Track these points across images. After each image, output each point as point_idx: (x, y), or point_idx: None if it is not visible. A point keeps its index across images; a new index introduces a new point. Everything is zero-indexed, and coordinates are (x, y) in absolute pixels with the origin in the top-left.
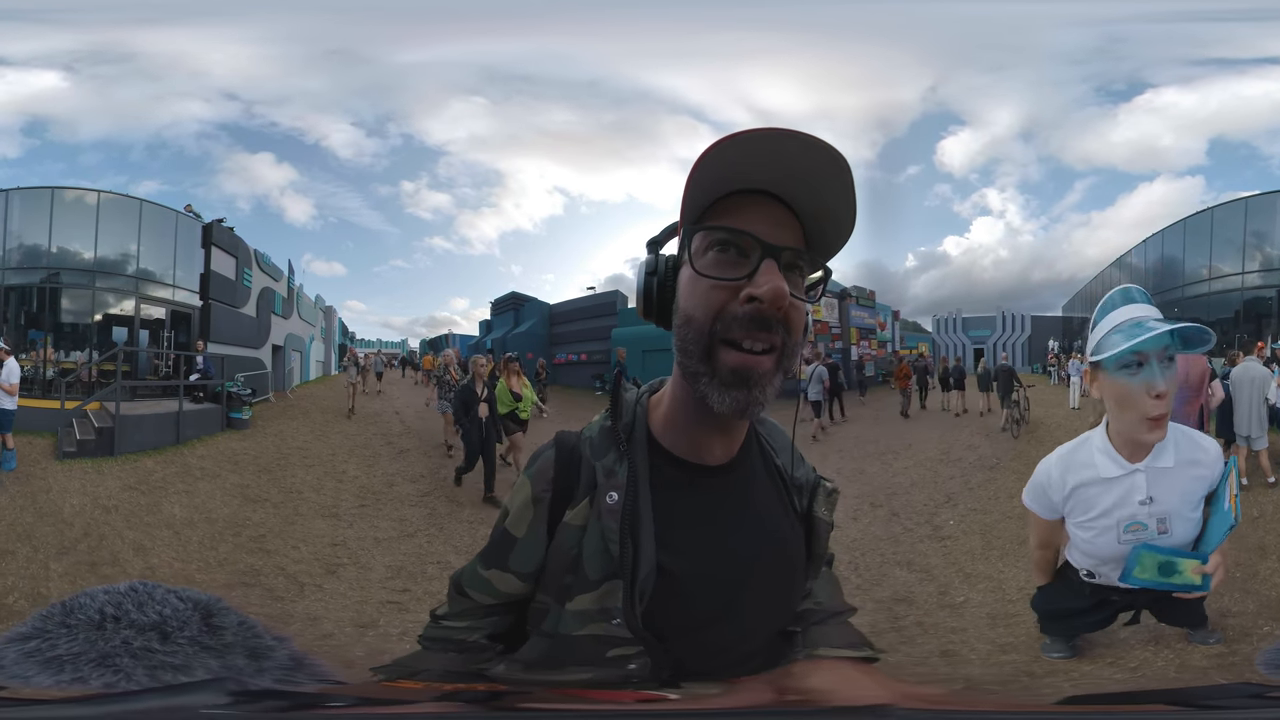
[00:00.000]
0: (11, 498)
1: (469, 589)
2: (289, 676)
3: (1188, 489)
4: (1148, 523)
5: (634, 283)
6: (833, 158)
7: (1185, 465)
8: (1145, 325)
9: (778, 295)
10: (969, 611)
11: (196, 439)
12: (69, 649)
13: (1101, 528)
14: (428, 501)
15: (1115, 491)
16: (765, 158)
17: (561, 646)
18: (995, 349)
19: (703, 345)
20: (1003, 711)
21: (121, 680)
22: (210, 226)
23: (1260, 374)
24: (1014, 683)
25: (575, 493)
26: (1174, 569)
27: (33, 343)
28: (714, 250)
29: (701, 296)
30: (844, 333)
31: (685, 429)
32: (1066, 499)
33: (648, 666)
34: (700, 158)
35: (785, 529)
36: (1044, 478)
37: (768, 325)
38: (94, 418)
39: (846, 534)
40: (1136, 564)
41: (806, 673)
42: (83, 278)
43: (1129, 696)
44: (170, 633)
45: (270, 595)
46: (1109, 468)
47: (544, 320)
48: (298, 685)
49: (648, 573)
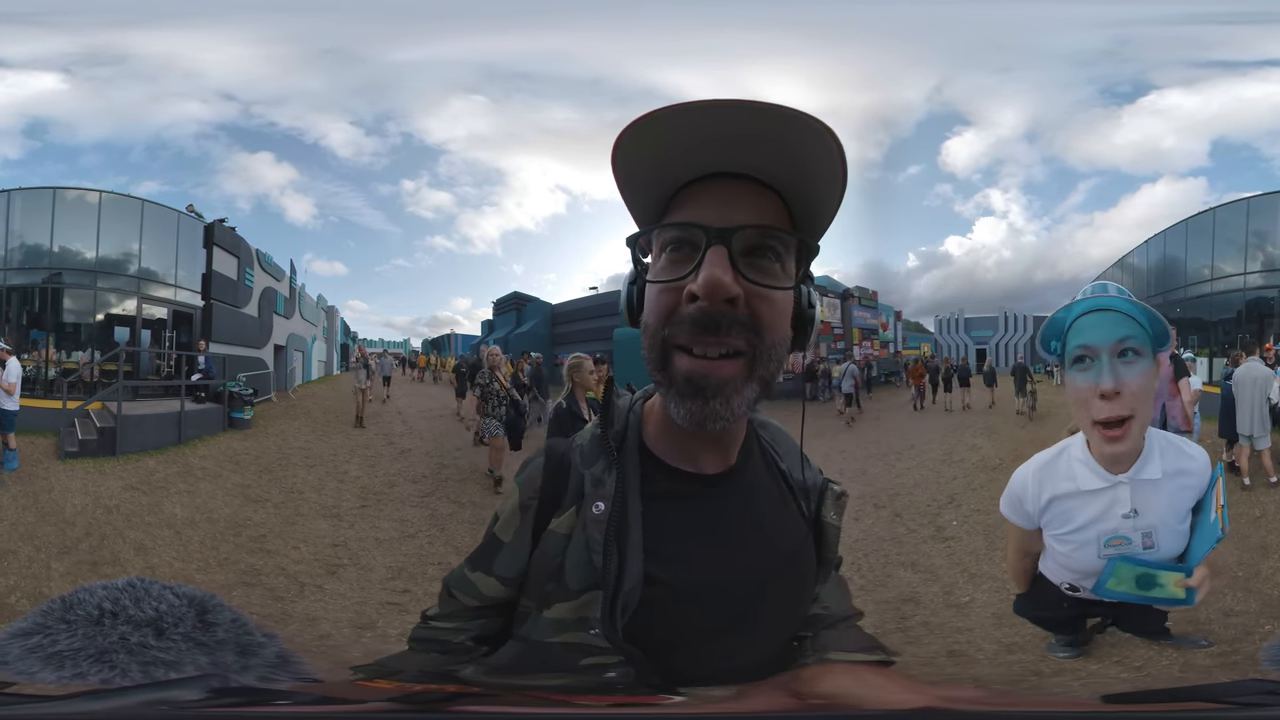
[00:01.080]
0: (13, 497)
1: (456, 590)
2: (272, 674)
3: (1175, 501)
4: (1132, 536)
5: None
6: (791, 116)
7: (1172, 475)
8: (1073, 308)
9: (712, 285)
10: (974, 611)
11: (198, 439)
12: (69, 645)
13: (1080, 541)
14: (429, 502)
15: (1096, 504)
16: (704, 131)
17: (533, 651)
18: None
19: (656, 353)
20: (1042, 710)
21: (117, 676)
22: (212, 226)
23: (1263, 374)
24: (1022, 682)
25: (562, 501)
26: (1154, 582)
27: (35, 342)
28: (667, 250)
29: (653, 302)
30: (846, 333)
31: (678, 437)
32: (1043, 511)
33: (630, 675)
34: (616, 145)
35: (792, 536)
36: (1019, 488)
37: (715, 326)
38: (96, 417)
39: (849, 534)
40: (1111, 576)
41: (820, 677)
42: (84, 278)
43: (1168, 694)
44: (165, 629)
45: (270, 595)
46: (1089, 479)
47: (546, 320)
48: (273, 683)
49: (633, 585)
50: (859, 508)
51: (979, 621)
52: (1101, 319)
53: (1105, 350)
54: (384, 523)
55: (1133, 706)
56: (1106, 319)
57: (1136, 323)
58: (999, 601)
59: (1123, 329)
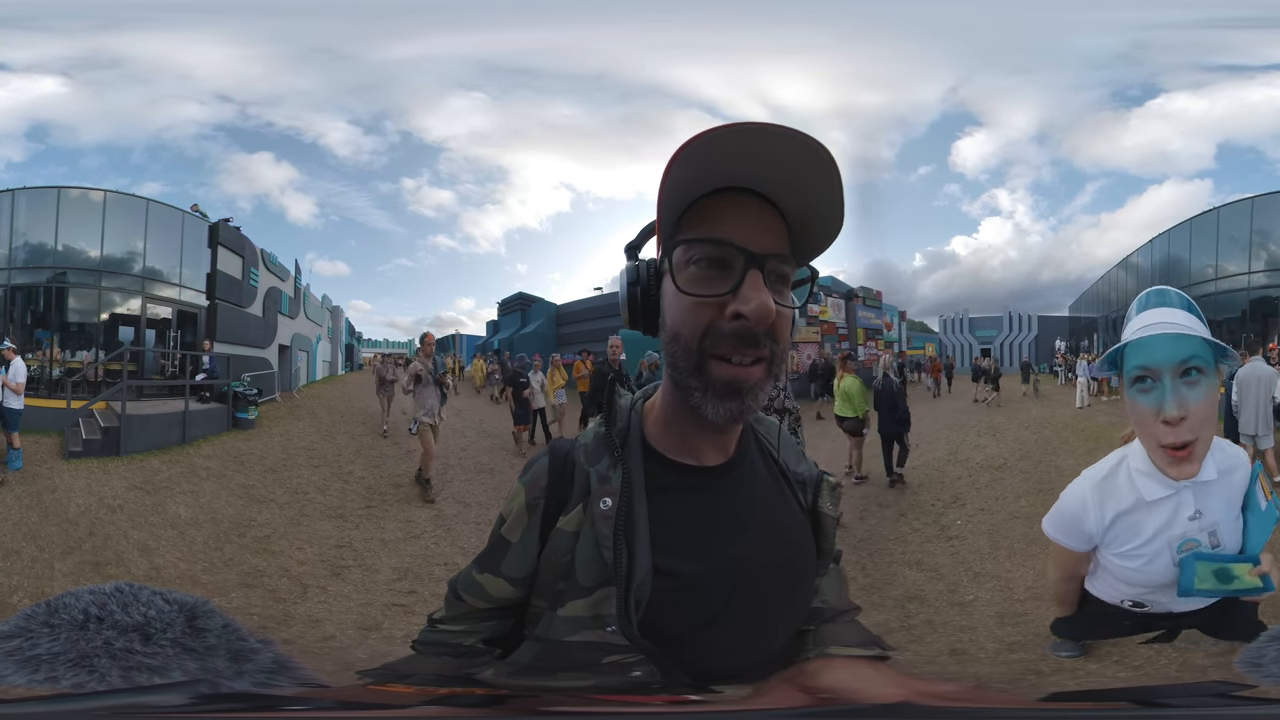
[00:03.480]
0: (17, 497)
1: (463, 593)
2: (269, 680)
3: (1231, 498)
4: (1200, 538)
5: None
6: (819, 153)
7: (1225, 474)
8: (1143, 337)
9: (763, 313)
10: (978, 610)
11: (202, 439)
12: (49, 649)
13: (1151, 554)
14: (434, 503)
15: (1162, 513)
16: (748, 153)
17: (553, 651)
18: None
19: (692, 362)
20: (1001, 708)
21: (94, 680)
22: (217, 226)
23: (1266, 373)
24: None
25: (569, 499)
26: (1230, 575)
27: (39, 342)
28: (694, 264)
29: (687, 314)
30: (850, 333)
31: (680, 432)
32: (1107, 529)
33: (655, 674)
34: (677, 153)
35: (792, 526)
36: (1078, 507)
37: (755, 341)
38: (100, 417)
39: (853, 534)
40: (1195, 576)
41: (821, 671)
42: (89, 277)
43: (1095, 695)
44: (153, 634)
45: (273, 597)
46: (1153, 489)
47: (551, 321)
48: (274, 688)
49: (643, 579)
50: (864, 506)
51: (982, 620)
52: (1163, 337)
53: (1168, 373)
54: (389, 523)
55: (1063, 705)
56: (1168, 338)
57: (1199, 339)
58: (1002, 601)
59: (1185, 349)
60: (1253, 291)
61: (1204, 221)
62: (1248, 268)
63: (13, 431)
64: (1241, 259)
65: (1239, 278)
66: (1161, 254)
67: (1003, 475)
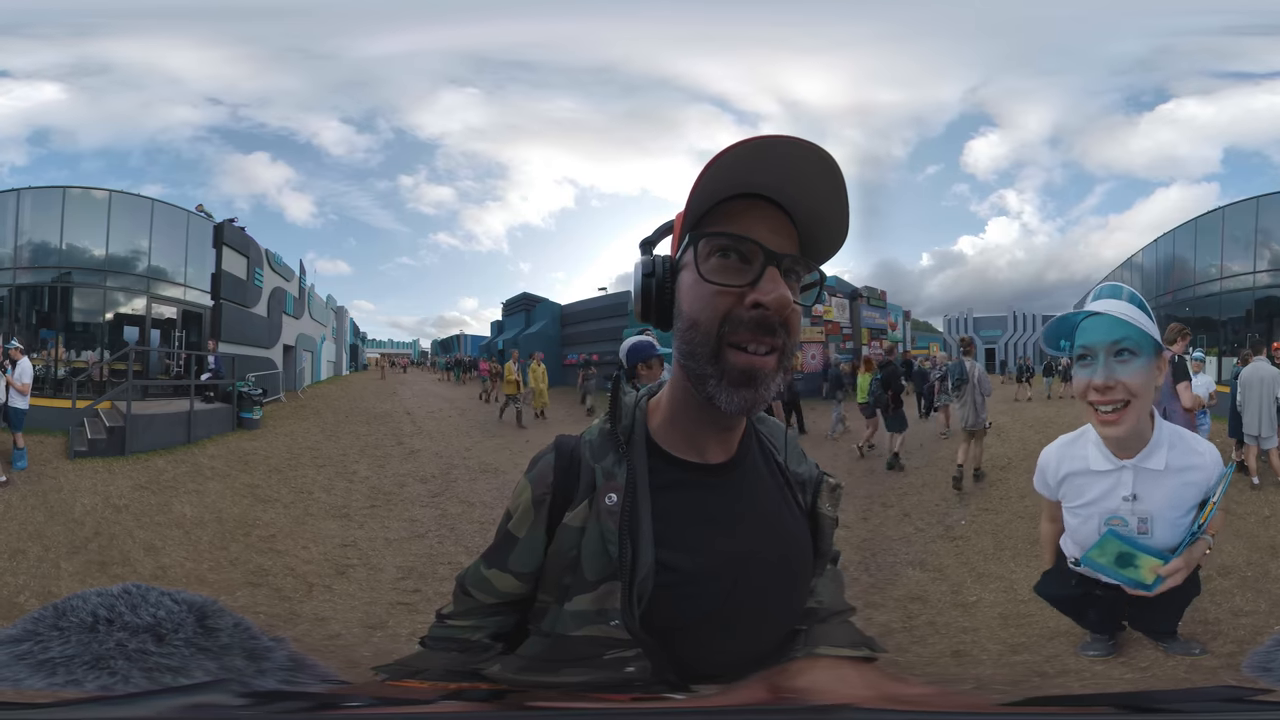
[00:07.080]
0: (23, 496)
1: (471, 588)
2: (290, 678)
3: (1176, 494)
4: (1129, 519)
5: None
6: (829, 165)
7: (1178, 470)
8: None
9: (782, 303)
10: (981, 611)
11: (207, 438)
12: (62, 651)
13: (1086, 515)
14: (439, 502)
15: (1102, 484)
16: (767, 164)
17: (558, 646)
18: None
19: (710, 348)
20: (960, 712)
21: (119, 683)
22: (222, 226)
23: (1270, 373)
24: (1024, 683)
25: (575, 495)
26: (1132, 561)
27: (44, 342)
28: (717, 256)
29: (707, 301)
30: (855, 333)
31: (685, 429)
32: (1060, 484)
33: (648, 670)
34: (712, 162)
35: (791, 525)
36: (1045, 462)
37: (771, 329)
38: (105, 417)
39: (857, 534)
40: (1097, 546)
41: (802, 671)
42: (94, 277)
43: (1080, 700)
44: (165, 635)
45: (279, 595)
46: (1099, 461)
47: (555, 321)
48: (304, 686)
49: (646, 574)
50: (867, 506)
51: (985, 621)
52: (1100, 321)
53: (1102, 350)
54: (394, 523)
55: (1040, 709)
56: (1105, 321)
57: (1135, 326)
58: (1006, 602)
59: (1118, 331)
60: (1257, 291)
61: (1208, 221)
62: (1253, 267)
63: (18, 431)
64: (1246, 259)
65: (1243, 277)
66: (1166, 254)
67: (1007, 475)
